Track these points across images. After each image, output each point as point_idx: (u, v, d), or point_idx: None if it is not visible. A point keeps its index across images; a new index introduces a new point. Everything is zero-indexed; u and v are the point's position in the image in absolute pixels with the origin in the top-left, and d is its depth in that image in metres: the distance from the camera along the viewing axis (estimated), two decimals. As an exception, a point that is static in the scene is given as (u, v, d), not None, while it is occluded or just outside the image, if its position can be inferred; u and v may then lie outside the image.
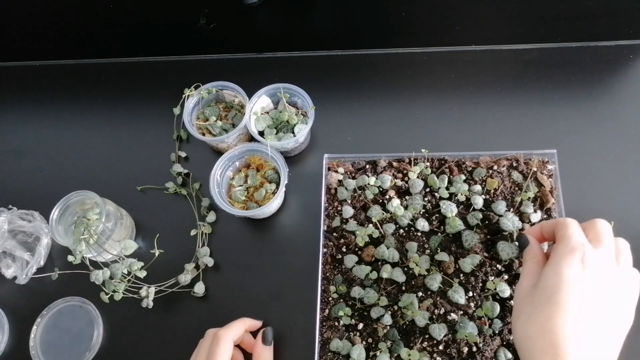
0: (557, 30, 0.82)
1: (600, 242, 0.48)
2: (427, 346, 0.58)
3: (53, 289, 0.70)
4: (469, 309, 0.59)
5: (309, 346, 0.59)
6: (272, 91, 0.74)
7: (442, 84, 0.80)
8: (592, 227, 0.50)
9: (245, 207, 0.70)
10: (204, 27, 0.87)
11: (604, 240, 0.48)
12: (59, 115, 0.87)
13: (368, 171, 0.69)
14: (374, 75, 0.82)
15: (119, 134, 0.83)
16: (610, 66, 0.79)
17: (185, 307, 0.68)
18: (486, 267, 0.61)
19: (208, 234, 0.72)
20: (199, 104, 0.77)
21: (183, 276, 0.68)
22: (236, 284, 0.69)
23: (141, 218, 0.75)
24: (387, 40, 0.85)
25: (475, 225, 0.63)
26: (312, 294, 0.61)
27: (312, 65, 0.85)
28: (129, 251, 0.67)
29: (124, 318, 0.68)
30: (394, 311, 0.60)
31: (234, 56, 0.88)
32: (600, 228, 0.49)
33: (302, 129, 0.72)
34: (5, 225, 0.71)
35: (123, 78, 0.89)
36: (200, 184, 0.76)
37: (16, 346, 0.69)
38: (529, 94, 0.77)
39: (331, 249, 0.64)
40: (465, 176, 0.66)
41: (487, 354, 0.57)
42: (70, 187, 0.69)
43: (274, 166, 0.71)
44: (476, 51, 0.82)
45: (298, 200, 0.74)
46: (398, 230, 0.65)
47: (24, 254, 0.72)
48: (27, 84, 0.91)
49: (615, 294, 0.45)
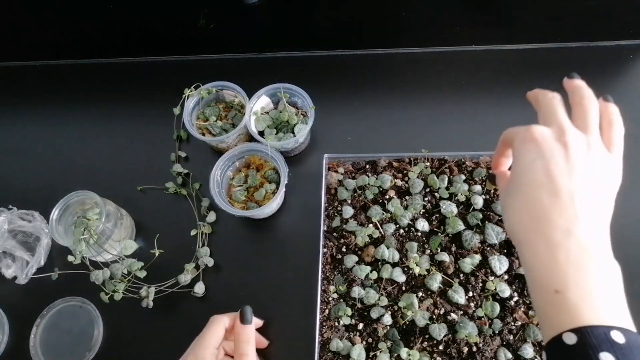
0: (557, 30, 0.82)
1: (585, 125, 0.46)
2: (427, 346, 0.58)
3: (53, 289, 0.70)
4: (469, 309, 0.59)
5: (309, 346, 0.59)
6: (272, 91, 0.74)
7: (442, 84, 0.80)
8: (578, 105, 0.47)
9: (245, 207, 0.70)
10: (204, 27, 0.87)
11: (589, 122, 0.46)
12: (59, 115, 0.87)
13: (368, 171, 0.69)
14: (374, 75, 0.82)
15: (119, 134, 0.83)
16: (610, 66, 0.79)
17: (185, 307, 0.68)
18: (486, 267, 0.61)
19: (208, 234, 0.72)
20: (199, 104, 0.77)
21: (183, 276, 0.68)
22: (236, 284, 0.69)
23: (141, 218, 0.75)
24: (387, 40, 0.85)
25: (475, 225, 0.63)
26: (312, 294, 0.61)
27: (312, 65, 0.85)
28: (129, 251, 0.67)
29: (124, 318, 0.68)
30: (394, 311, 0.60)
31: (234, 56, 0.88)
32: (587, 108, 0.47)
33: (302, 129, 0.72)
34: (5, 225, 0.71)
35: (123, 78, 0.89)
36: (200, 184, 0.76)
37: (16, 346, 0.69)
38: (529, 94, 0.77)
39: (331, 249, 0.64)
40: (465, 176, 0.66)
41: (487, 354, 0.57)
42: (70, 187, 0.69)
43: (274, 166, 0.71)
44: (476, 51, 0.82)
45: (298, 200, 0.74)
46: (398, 230, 0.65)
47: (24, 254, 0.72)
48: (27, 84, 0.91)
49: (595, 175, 0.44)
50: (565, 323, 0.38)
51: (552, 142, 0.44)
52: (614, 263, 0.41)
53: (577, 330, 0.37)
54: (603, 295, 0.39)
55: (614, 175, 0.45)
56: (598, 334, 0.36)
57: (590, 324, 0.37)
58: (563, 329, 0.38)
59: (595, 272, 0.40)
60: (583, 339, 0.36)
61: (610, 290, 0.40)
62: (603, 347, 0.35)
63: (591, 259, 0.40)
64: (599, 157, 0.44)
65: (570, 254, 0.40)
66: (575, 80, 0.50)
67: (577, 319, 0.37)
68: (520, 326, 0.58)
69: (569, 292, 0.39)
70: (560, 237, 0.41)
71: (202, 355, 0.56)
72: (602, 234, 0.42)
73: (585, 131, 0.45)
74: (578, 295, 0.39)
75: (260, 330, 0.64)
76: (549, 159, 0.43)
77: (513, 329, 0.58)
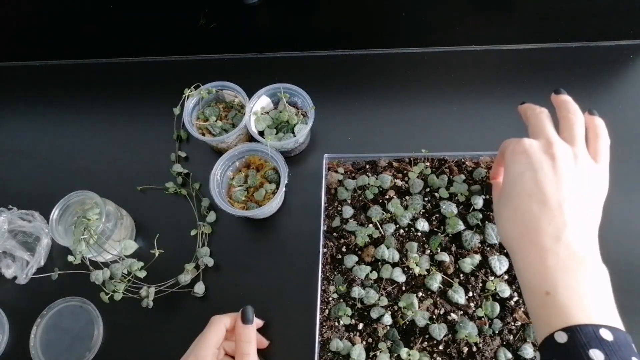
0: (557, 30, 0.82)
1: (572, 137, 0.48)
2: (427, 346, 0.58)
3: (53, 289, 0.70)
4: (469, 309, 0.59)
5: (309, 346, 0.59)
6: (272, 91, 0.74)
7: (442, 84, 0.80)
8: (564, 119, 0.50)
9: (245, 207, 0.70)
10: (204, 27, 0.87)
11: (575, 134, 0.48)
12: (59, 115, 0.87)
13: (368, 171, 0.69)
14: (374, 75, 0.82)
15: (119, 134, 0.83)
16: (610, 66, 0.79)
17: (185, 307, 0.68)
18: (486, 267, 0.61)
19: (208, 234, 0.72)
20: (199, 104, 0.77)
21: (183, 276, 0.68)
22: (236, 284, 0.69)
23: (141, 218, 0.75)
24: (387, 40, 0.85)
25: (475, 226, 0.63)
26: (312, 294, 0.61)
27: (312, 65, 0.85)
28: (129, 251, 0.67)
29: (124, 318, 0.68)
30: (394, 311, 0.60)
31: (234, 56, 0.88)
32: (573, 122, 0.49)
33: (302, 129, 0.72)
34: (5, 225, 0.71)
35: (123, 78, 0.89)
36: (200, 184, 0.76)
37: (16, 346, 0.69)
38: (529, 94, 0.77)
39: (331, 249, 0.64)
40: (465, 176, 0.66)
41: (487, 354, 0.57)
42: (70, 187, 0.69)
43: (274, 166, 0.71)
44: (476, 51, 0.82)
45: (298, 200, 0.74)
46: (398, 230, 0.65)
47: (24, 254, 0.72)
48: (27, 84, 0.91)
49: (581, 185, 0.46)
50: (556, 323, 0.40)
51: (540, 154, 0.47)
52: (602, 266, 0.43)
53: (568, 329, 0.39)
54: (591, 296, 0.41)
55: (600, 184, 0.47)
56: (587, 332, 0.38)
57: (580, 323, 0.39)
58: (554, 328, 0.40)
59: (583, 275, 0.42)
60: (573, 337, 0.38)
61: (598, 292, 0.42)
62: (592, 344, 0.37)
63: (579, 262, 0.42)
64: (586, 167, 0.47)
65: (559, 259, 0.42)
66: (562, 95, 0.52)
67: (567, 319, 0.40)
68: (520, 326, 0.58)
69: (558, 294, 0.41)
70: (550, 243, 0.43)
71: (203, 356, 0.56)
72: (589, 239, 0.44)
73: (572, 143, 0.48)
74: (567, 296, 0.41)
75: (260, 330, 0.64)
76: (537, 170, 0.46)
77: (513, 329, 0.58)
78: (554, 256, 0.43)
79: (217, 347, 0.58)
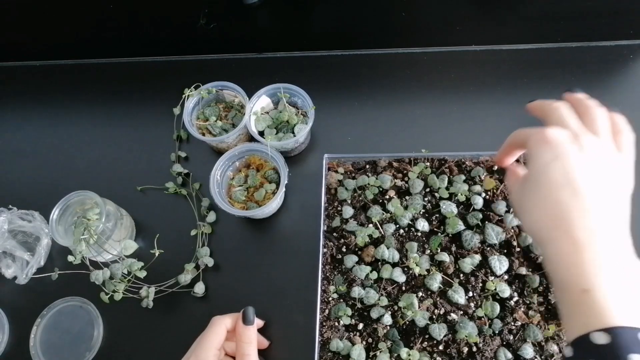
0: (557, 30, 0.82)
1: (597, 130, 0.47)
2: (427, 346, 0.58)
3: (53, 289, 0.70)
4: (469, 309, 0.59)
5: (309, 346, 0.59)
6: (272, 91, 0.74)
7: (442, 84, 0.80)
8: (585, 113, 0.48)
9: (245, 207, 0.70)
10: (204, 27, 0.87)
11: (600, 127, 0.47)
12: (59, 115, 0.87)
13: (368, 171, 0.69)
14: (374, 75, 0.82)
15: (119, 134, 0.83)
16: (610, 66, 0.79)
17: (185, 307, 0.68)
18: (486, 267, 0.61)
19: (208, 234, 0.72)
20: (199, 104, 0.77)
21: (183, 276, 0.68)
22: (236, 284, 0.69)
23: (141, 218, 0.75)
24: (387, 40, 0.85)
25: (475, 226, 0.63)
26: (312, 294, 0.61)
27: (312, 65, 0.85)
28: (129, 251, 0.67)
29: (124, 318, 0.68)
30: (394, 311, 0.60)
31: (234, 56, 0.88)
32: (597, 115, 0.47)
33: (302, 129, 0.72)
34: (5, 225, 0.71)
35: (123, 78, 0.89)
36: (200, 184, 0.76)
37: (16, 346, 0.69)
38: (529, 94, 0.77)
39: (331, 249, 0.64)
40: (465, 176, 0.66)
41: (487, 354, 0.57)
42: (70, 187, 0.69)
43: (274, 166, 0.71)
44: (476, 51, 0.82)
45: (298, 200, 0.74)
46: (398, 230, 0.65)
47: (24, 254, 0.72)
48: (27, 84, 0.91)
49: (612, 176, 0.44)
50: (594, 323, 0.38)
51: (568, 144, 0.45)
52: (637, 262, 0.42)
53: (607, 330, 0.37)
54: (630, 296, 0.39)
55: (627, 178, 0.46)
56: (628, 335, 0.37)
57: (621, 325, 0.37)
58: (591, 328, 0.38)
59: (621, 272, 0.40)
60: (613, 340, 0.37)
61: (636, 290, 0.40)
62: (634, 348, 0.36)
63: (617, 258, 0.41)
64: (614, 159, 0.45)
65: (596, 253, 0.41)
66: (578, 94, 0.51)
67: (607, 320, 0.38)
68: (520, 326, 0.58)
69: (596, 292, 0.39)
70: (585, 235, 0.41)
71: (204, 357, 0.56)
72: (624, 233, 0.43)
73: (598, 135, 0.46)
74: (606, 295, 0.39)
75: (260, 330, 0.64)
76: (566, 160, 0.44)
77: (513, 329, 0.58)
78: (590, 251, 0.41)
79: (217, 348, 0.58)
